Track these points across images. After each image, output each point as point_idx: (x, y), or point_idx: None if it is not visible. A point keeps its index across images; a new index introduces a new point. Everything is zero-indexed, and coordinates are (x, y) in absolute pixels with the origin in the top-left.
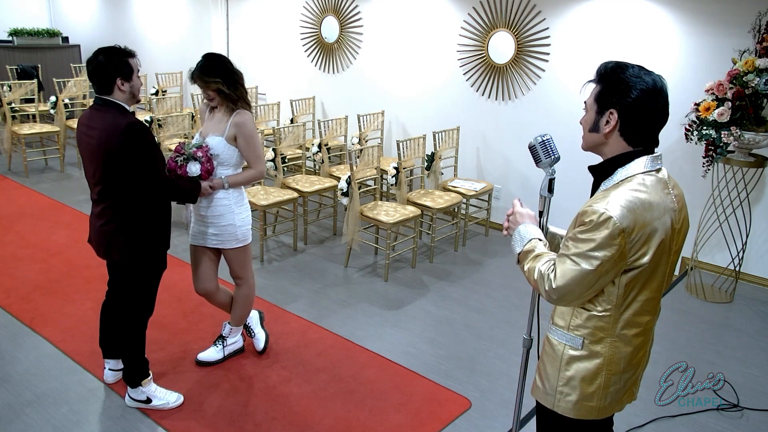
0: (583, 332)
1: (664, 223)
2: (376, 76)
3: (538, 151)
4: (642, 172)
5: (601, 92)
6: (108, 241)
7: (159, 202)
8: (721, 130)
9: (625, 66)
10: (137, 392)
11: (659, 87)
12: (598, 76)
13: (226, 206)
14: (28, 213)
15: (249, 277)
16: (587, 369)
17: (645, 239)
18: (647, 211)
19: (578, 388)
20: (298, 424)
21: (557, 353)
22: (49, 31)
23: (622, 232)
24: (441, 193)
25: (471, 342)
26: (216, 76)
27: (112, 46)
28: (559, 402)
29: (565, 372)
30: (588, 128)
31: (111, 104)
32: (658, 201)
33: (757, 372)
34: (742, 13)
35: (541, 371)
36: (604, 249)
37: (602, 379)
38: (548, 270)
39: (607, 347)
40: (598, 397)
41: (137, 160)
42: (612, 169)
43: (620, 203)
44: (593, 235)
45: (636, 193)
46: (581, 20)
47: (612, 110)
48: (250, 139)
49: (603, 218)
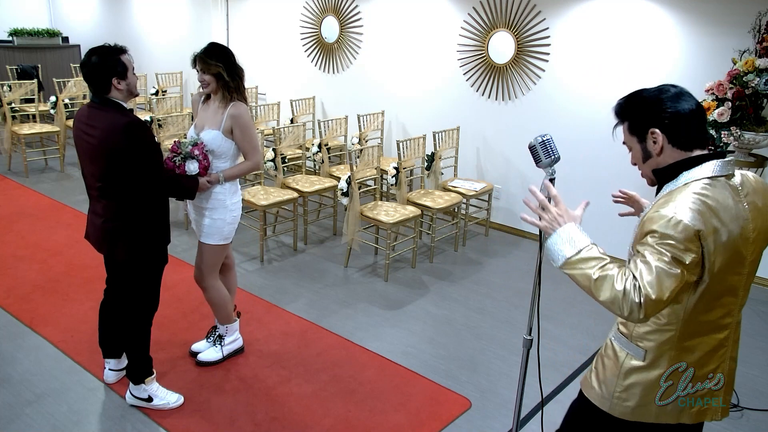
0: (647, 344)
1: (731, 232)
2: (376, 76)
3: (538, 151)
4: (709, 176)
5: (631, 124)
6: (111, 239)
7: (159, 199)
8: (721, 130)
9: (635, 93)
10: (139, 390)
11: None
12: (618, 116)
13: (220, 201)
14: (28, 213)
15: (213, 280)
16: (647, 379)
17: (712, 247)
18: (714, 217)
19: (637, 396)
20: (298, 424)
21: (618, 360)
22: (49, 31)
23: (698, 234)
24: (441, 193)
25: (471, 342)
26: (219, 60)
27: (104, 46)
28: (615, 406)
29: (625, 380)
30: (641, 160)
31: (110, 103)
32: (725, 207)
33: (757, 372)
34: (742, 13)
35: (599, 373)
36: (685, 253)
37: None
38: (630, 281)
39: (669, 359)
40: (657, 405)
41: (138, 157)
42: (677, 172)
43: (688, 206)
44: (670, 241)
45: (701, 198)
46: (581, 20)
47: (652, 129)
48: (246, 129)
49: (673, 222)
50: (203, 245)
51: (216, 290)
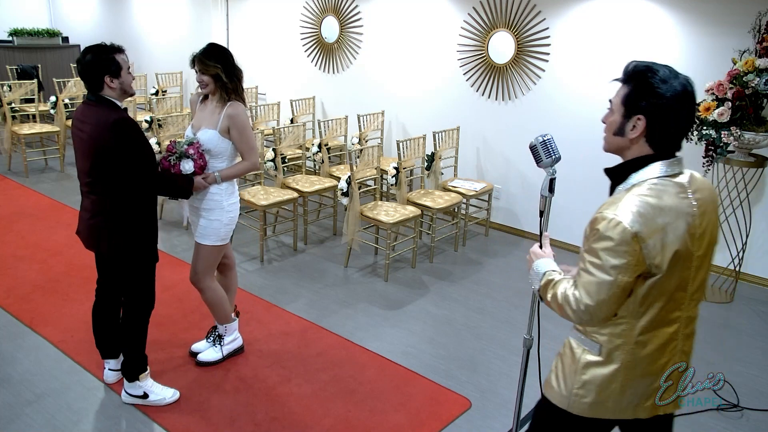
0: (601, 338)
1: (677, 229)
2: (376, 76)
3: (539, 151)
4: (656, 177)
5: (629, 95)
6: (96, 234)
7: (147, 197)
8: (721, 130)
9: (655, 69)
10: (134, 387)
11: (689, 91)
12: (626, 75)
13: (217, 201)
14: (28, 213)
15: (210, 281)
16: (603, 374)
17: (660, 245)
18: (658, 216)
19: (594, 392)
20: (298, 424)
21: (575, 356)
22: (49, 31)
23: (635, 237)
24: (441, 193)
25: (471, 342)
26: (217, 61)
27: (100, 44)
28: (574, 403)
29: (582, 376)
30: (613, 131)
31: (102, 100)
32: (670, 205)
33: (757, 372)
34: (742, 13)
35: (557, 372)
36: (620, 256)
37: (618, 383)
38: (571, 290)
39: (624, 353)
40: (614, 399)
41: (126, 155)
42: (627, 173)
43: (630, 208)
44: (606, 243)
45: (646, 198)
46: (581, 20)
47: (640, 116)
48: (243, 129)
49: (613, 224)
50: (199, 246)
51: (212, 291)
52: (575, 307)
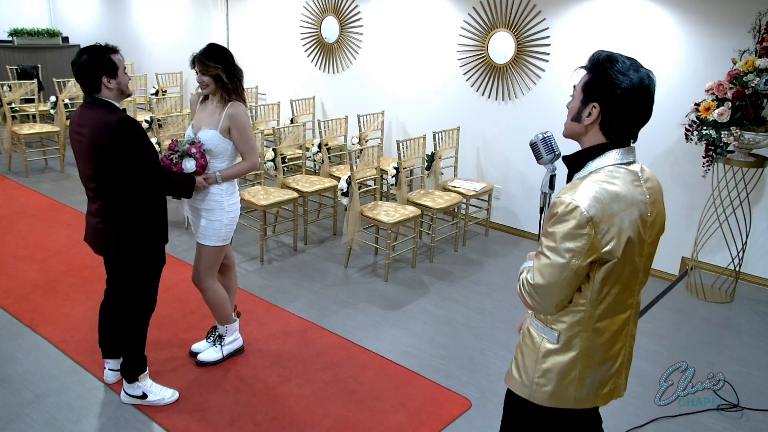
0: (560, 326)
1: (631, 215)
2: (376, 76)
3: (539, 148)
4: (612, 165)
5: (588, 83)
6: (105, 238)
7: (154, 197)
8: (721, 130)
9: (615, 59)
10: (133, 388)
11: (645, 85)
12: (589, 63)
13: (217, 202)
14: (28, 213)
15: (211, 282)
16: (563, 362)
17: (615, 231)
18: (614, 202)
19: (554, 380)
20: (298, 424)
21: (536, 345)
22: (49, 31)
23: (590, 221)
24: (441, 193)
25: (471, 342)
26: (217, 62)
27: (94, 45)
28: (535, 393)
29: (542, 364)
30: (571, 116)
31: (100, 102)
32: (625, 193)
33: (757, 372)
34: (742, 13)
35: (518, 362)
36: (575, 239)
37: (577, 371)
38: (525, 274)
39: (582, 341)
40: (574, 387)
41: (130, 155)
42: (584, 161)
43: (587, 194)
44: (562, 227)
45: (603, 184)
46: (581, 20)
47: (595, 104)
48: (244, 129)
49: (570, 208)
50: (201, 247)
51: (214, 291)
52: (528, 289)
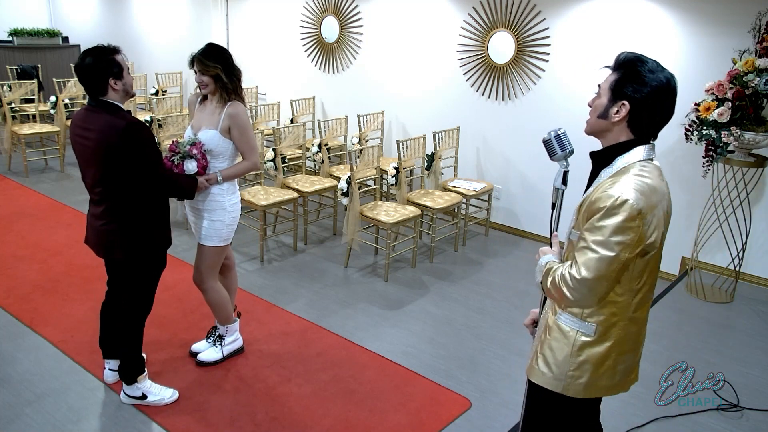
0: (598, 318)
1: (663, 207)
2: (376, 76)
3: (553, 145)
4: (641, 160)
5: (617, 81)
6: (109, 241)
7: (159, 200)
8: (721, 130)
9: (644, 60)
10: (133, 389)
11: (672, 86)
12: (616, 63)
13: (218, 202)
14: (28, 213)
15: (213, 282)
16: (598, 353)
17: (656, 222)
18: (653, 195)
19: (589, 371)
20: (298, 424)
21: (569, 339)
22: (49, 31)
23: (639, 213)
24: (441, 193)
25: (471, 342)
26: (216, 62)
27: (97, 46)
28: (569, 386)
29: (577, 357)
30: (597, 114)
31: (105, 104)
32: (658, 186)
33: (757, 372)
34: (742, 13)
35: (547, 357)
36: (625, 233)
37: (612, 360)
38: (567, 270)
39: (618, 330)
40: (608, 376)
41: (138, 158)
42: (611, 157)
43: (632, 187)
44: (611, 221)
45: (642, 178)
46: (581, 20)
47: (624, 101)
48: (244, 129)
49: (619, 202)
50: (202, 247)
51: (215, 291)
52: (573, 284)
